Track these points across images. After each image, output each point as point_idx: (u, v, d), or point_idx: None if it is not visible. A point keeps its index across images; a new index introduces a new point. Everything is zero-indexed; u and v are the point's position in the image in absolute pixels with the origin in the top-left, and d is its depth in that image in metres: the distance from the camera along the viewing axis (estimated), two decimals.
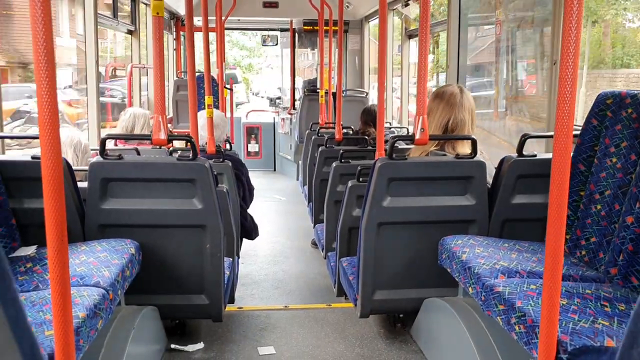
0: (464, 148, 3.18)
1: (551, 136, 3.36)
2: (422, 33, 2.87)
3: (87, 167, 3.00)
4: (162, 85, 2.93)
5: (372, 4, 8.21)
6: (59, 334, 1.58)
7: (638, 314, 0.66)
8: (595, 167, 2.68)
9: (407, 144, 4.46)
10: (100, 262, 2.59)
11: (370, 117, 5.34)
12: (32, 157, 2.91)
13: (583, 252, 2.66)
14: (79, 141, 3.73)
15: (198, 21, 7.46)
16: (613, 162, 2.58)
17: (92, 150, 4.05)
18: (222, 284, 3.14)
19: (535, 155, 3.05)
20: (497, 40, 6.08)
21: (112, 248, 2.76)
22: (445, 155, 3.16)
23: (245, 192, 4.23)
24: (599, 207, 2.61)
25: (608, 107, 2.65)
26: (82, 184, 3.07)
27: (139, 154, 3.89)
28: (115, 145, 4.79)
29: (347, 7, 8.62)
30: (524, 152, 3.03)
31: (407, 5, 6.81)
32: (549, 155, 3.18)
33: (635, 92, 2.58)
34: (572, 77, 1.58)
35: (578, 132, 2.76)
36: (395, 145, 3.02)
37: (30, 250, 2.78)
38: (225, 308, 3.27)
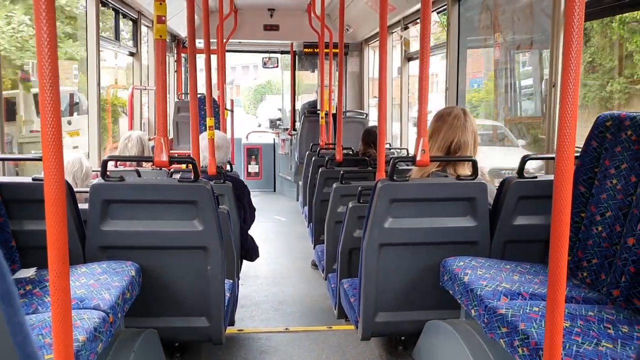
0: (465, 169, 3.18)
1: (551, 158, 3.38)
2: (423, 55, 2.89)
3: (87, 189, 3.00)
4: (164, 107, 2.94)
5: (371, 27, 8.29)
6: (59, 358, 1.57)
7: None
8: (595, 188, 2.68)
9: (407, 165, 4.47)
10: (100, 285, 2.58)
11: (371, 137, 5.36)
12: (33, 179, 2.91)
13: (585, 274, 2.65)
14: (80, 167, 3.73)
15: (199, 43, 7.52)
16: (613, 184, 2.58)
17: (93, 171, 4.06)
18: (223, 306, 3.12)
19: (536, 177, 3.05)
20: (495, 62, 6.13)
21: (113, 270, 2.75)
22: (446, 176, 3.17)
23: (247, 214, 4.23)
24: (600, 228, 2.61)
25: (607, 129, 2.66)
26: (83, 206, 3.07)
27: (139, 175, 3.89)
28: (116, 166, 4.80)
29: (347, 30, 8.70)
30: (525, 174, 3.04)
31: (406, 28, 6.87)
32: (550, 177, 3.20)
33: (635, 114, 2.59)
34: (573, 99, 1.59)
35: (577, 154, 2.76)
36: (396, 166, 3.02)
37: (30, 272, 2.77)
38: (225, 330, 3.25)
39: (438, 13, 5.41)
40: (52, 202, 1.53)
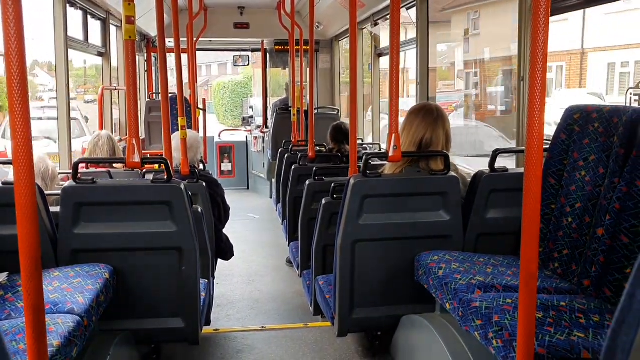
0: (437, 165, 3.20)
1: (521, 151, 3.42)
2: (393, 51, 2.91)
3: (57, 192, 2.96)
4: (135, 107, 2.91)
5: (341, 24, 8.30)
6: None
7: (614, 331, 0.68)
8: (565, 180, 2.73)
9: (381, 160, 4.48)
10: (74, 288, 2.54)
11: (340, 134, 5.35)
12: (3, 183, 2.86)
13: (556, 265, 2.70)
14: (46, 168, 3.67)
15: (169, 42, 7.45)
16: (582, 176, 2.63)
17: (62, 173, 4.00)
18: (199, 306, 3.11)
19: (506, 170, 3.09)
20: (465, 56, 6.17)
21: (86, 273, 2.72)
22: (419, 171, 3.19)
23: (221, 213, 4.21)
24: (570, 219, 2.65)
25: (575, 121, 2.71)
26: (54, 209, 3.02)
27: (111, 177, 3.85)
28: (87, 168, 4.74)
29: (318, 27, 8.70)
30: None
31: (376, 24, 6.90)
32: (521, 170, 3.24)
33: (601, 106, 2.64)
34: (541, 92, 1.62)
35: (547, 146, 2.80)
36: (369, 162, 3.03)
37: (1, 277, 2.72)
38: (201, 331, 3.24)
39: (407, 9, 5.44)
40: (23, 206, 1.51)
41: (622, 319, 0.66)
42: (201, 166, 4.73)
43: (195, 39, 7.00)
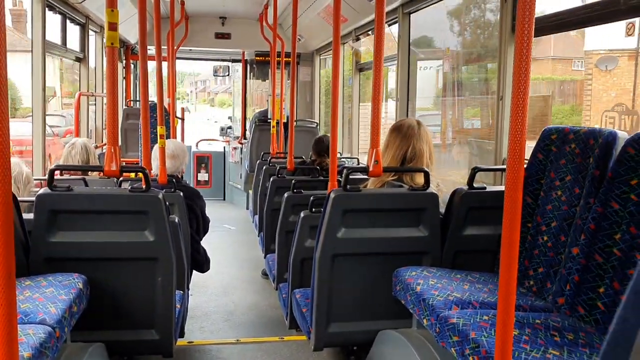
0: (421, 179, 3.22)
1: (499, 169, 3.47)
2: (376, 67, 2.93)
3: (30, 198, 2.91)
4: (115, 114, 2.88)
5: (323, 38, 8.34)
6: None
7: (606, 354, 0.68)
8: (541, 199, 2.76)
9: (362, 174, 4.49)
10: (46, 298, 2.49)
11: (322, 147, 5.37)
12: None
13: (531, 282, 2.72)
14: (19, 171, 3.61)
15: (149, 50, 7.42)
16: (558, 195, 2.66)
17: (36, 179, 3.93)
18: (174, 318, 3.07)
19: (484, 188, 3.12)
20: (444, 76, 6.25)
21: (59, 283, 2.67)
22: (401, 186, 3.21)
23: (200, 224, 4.17)
24: (545, 238, 2.69)
25: (553, 142, 2.75)
26: (26, 216, 2.97)
27: (86, 184, 3.80)
28: (61, 175, 4.67)
29: (299, 40, 8.73)
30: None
31: (357, 39, 6.94)
32: (498, 188, 3.28)
33: (578, 128, 2.68)
34: (523, 112, 1.62)
35: (524, 166, 2.83)
36: (349, 176, 3.04)
37: None
38: (175, 343, 3.20)
39: (389, 25, 5.49)
40: None
41: (615, 342, 0.67)
42: (180, 176, 4.69)
43: (175, 48, 6.98)
